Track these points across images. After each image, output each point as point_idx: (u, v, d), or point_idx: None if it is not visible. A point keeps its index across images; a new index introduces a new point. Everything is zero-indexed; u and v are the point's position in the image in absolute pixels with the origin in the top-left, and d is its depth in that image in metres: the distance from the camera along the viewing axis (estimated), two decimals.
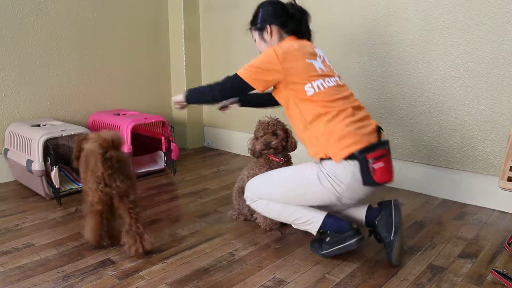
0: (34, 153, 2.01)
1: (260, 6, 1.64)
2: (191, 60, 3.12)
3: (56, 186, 1.98)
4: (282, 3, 1.63)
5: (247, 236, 1.69)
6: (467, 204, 2.04)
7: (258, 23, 1.64)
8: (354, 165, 1.40)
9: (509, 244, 1.59)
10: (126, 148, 2.35)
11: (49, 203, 2.05)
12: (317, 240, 1.55)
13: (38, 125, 2.24)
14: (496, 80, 1.89)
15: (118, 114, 2.60)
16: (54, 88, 2.56)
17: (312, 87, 1.47)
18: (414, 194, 2.19)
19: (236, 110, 3.04)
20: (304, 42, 1.61)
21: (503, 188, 1.47)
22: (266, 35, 1.62)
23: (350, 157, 1.40)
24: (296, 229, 1.74)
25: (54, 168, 1.95)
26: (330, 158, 1.44)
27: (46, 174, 2.02)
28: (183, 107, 1.71)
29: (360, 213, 1.57)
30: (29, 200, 2.10)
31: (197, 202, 2.08)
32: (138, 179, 2.45)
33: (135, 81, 2.99)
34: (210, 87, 1.57)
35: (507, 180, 1.46)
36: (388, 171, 1.43)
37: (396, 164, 2.27)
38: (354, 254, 1.53)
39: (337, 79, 1.56)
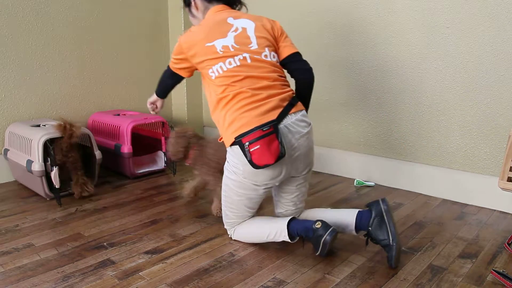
0: (34, 154, 2.01)
1: None
2: None
3: (56, 187, 1.98)
4: None
5: None
6: (467, 204, 2.04)
7: (185, 0, 1.69)
8: (238, 150, 1.42)
9: (509, 244, 1.59)
10: (126, 148, 2.35)
11: (49, 203, 2.05)
12: None
13: (38, 125, 2.24)
14: (496, 80, 1.89)
15: (118, 114, 2.60)
16: (54, 88, 2.56)
17: (213, 71, 1.50)
18: (414, 194, 2.19)
19: None
20: (221, 15, 1.57)
21: (503, 189, 1.47)
22: (194, 10, 1.66)
23: (234, 142, 1.43)
24: None
25: (54, 169, 1.95)
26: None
27: (46, 174, 2.02)
28: (157, 106, 1.92)
29: (350, 219, 1.51)
30: (29, 201, 2.10)
31: (197, 202, 2.08)
32: (138, 179, 2.46)
33: (135, 81, 2.99)
34: (163, 75, 1.75)
35: (507, 180, 1.46)
36: (266, 153, 1.36)
37: (396, 164, 2.28)
38: (354, 254, 1.54)
39: (247, 55, 1.50)
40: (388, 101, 2.25)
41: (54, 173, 1.95)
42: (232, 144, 1.45)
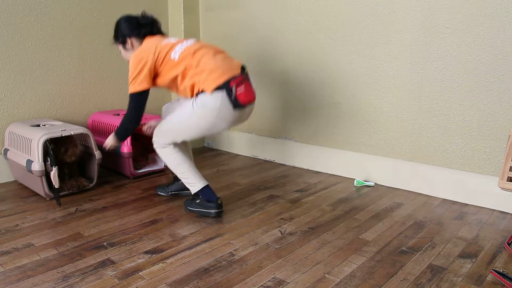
0: (34, 153, 2.00)
1: (118, 24, 1.94)
2: None
3: (56, 187, 1.98)
4: (134, 17, 1.92)
5: (247, 236, 1.69)
6: (467, 204, 2.04)
7: (119, 38, 1.94)
8: (221, 93, 1.70)
9: (509, 244, 1.59)
10: (126, 148, 2.35)
11: (49, 203, 2.05)
12: (191, 200, 1.93)
13: (38, 125, 2.24)
14: (496, 80, 1.89)
15: (118, 114, 2.60)
16: (54, 88, 2.56)
17: (175, 52, 1.79)
18: (414, 194, 2.19)
19: None
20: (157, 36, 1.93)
21: (503, 188, 1.47)
22: (128, 46, 1.93)
23: (219, 87, 1.70)
24: (296, 229, 1.74)
25: (54, 168, 1.95)
26: (202, 91, 1.72)
27: (46, 174, 2.02)
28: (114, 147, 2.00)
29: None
30: (29, 200, 2.10)
31: None
32: (137, 179, 2.46)
33: None
34: (126, 120, 1.85)
35: (507, 180, 1.46)
36: (249, 93, 1.76)
37: (396, 164, 2.28)
38: (354, 254, 1.54)
39: (194, 40, 1.86)
40: (388, 100, 2.25)
41: (54, 173, 1.95)
42: (216, 89, 1.70)
